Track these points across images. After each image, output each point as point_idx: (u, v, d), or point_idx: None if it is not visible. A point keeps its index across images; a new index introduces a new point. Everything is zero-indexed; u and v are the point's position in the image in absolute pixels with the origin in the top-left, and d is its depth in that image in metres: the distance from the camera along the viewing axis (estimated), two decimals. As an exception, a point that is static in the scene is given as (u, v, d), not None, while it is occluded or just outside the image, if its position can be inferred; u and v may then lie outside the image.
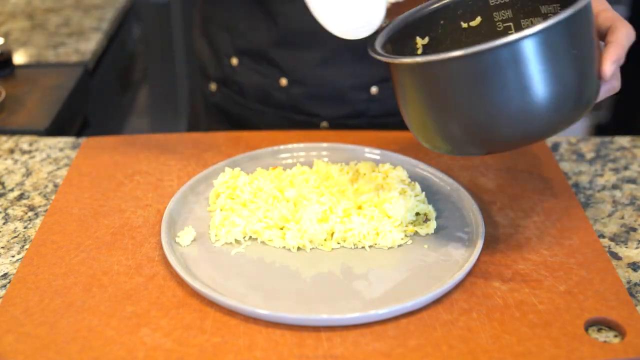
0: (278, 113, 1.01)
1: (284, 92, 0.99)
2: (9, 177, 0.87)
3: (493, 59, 0.59)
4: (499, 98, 0.60)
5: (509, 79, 0.59)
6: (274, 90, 1.00)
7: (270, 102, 1.01)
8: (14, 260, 0.72)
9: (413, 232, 0.75)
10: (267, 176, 0.80)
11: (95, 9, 1.53)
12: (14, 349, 0.60)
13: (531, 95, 0.59)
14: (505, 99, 0.60)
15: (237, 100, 1.04)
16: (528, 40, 0.58)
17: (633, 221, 0.78)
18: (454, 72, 0.61)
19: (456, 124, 0.63)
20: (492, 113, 0.61)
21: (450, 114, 0.63)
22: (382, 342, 0.61)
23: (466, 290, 0.67)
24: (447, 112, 0.63)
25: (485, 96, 0.60)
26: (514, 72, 0.59)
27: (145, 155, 0.89)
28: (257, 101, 1.02)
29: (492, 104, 0.60)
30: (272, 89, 1.00)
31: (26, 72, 1.21)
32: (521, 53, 0.58)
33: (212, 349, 0.60)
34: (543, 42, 0.58)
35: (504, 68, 0.59)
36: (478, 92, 0.60)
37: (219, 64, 1.03)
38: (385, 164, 0.82)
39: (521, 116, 0.60)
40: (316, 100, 0.99)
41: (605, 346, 0.61)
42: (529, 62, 0.58)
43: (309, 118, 1.00)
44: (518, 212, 0.78)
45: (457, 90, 0.61)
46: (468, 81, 0.60)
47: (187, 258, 0.71)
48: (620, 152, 0.91)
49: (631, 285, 0.69)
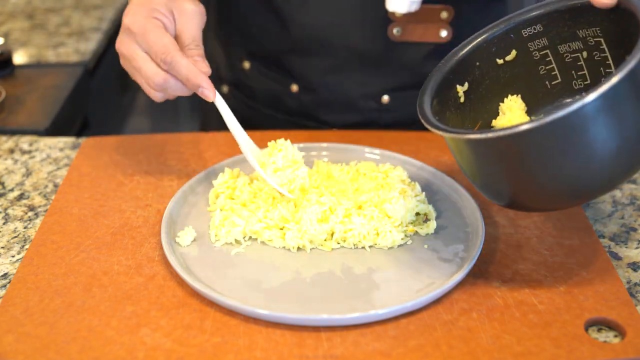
0: (289, 119, 1.01)
1: (295, 98, 0.99)
2: (9, 177, 0.87)
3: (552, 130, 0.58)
4: (560, 164, 0.59)
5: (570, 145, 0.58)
6: (285, 96, 0.99)
7: (281, 108, 1.01)
8: (14, 260, 0.72)
9: (413, 232, 0.75)
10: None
11: (95, 9, 1.53)
12: (14, 349, 0.60)
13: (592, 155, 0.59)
14: (566, 163, 0.59)
15: (248, 104, 1.03)
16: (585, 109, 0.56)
17: (633, 221, 0.78)
18: (513, 145, 0.60)
19: (515, 189, 0.63)
20: (553, 178, 0.60)
21: (510, 180, 0.63)
22: (382, 342, 0.61)
23: (466, 290, 0.67)
24: (507, 179, 0.63)
25: (546, 164, 0.60)
26: (575, 138, 0.58)
27: (145, 155, 0.89)
28: (268, 106, 1.02)
29: (553, 170, 0.60)
30: (283, 94, 0.99)
31: (26, 72, 1.21)
32: (579, 120, 0.57)
33: (212, 349, 0.60)
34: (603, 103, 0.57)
35: (563, 136, 0.58)
36: (538, 161, 0.60)
37: (232, 67, 1.03)
38: (385, 164, 0.82)
39: (582, 177, 0.60)
40: (327, 107, 0.98)
41: (605, 346, 0.61)
42: (585, 128, 0.57)
43: (319, 125, 1.00)
44: (518, 212, 0.78)
45: (515, 160, 0.61)
46: (527, 152, 0.60)
47: (187, 258, 0.71)
48: (620, 152, 0.91)
49: (631, 285, 0.69)
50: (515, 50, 0.73)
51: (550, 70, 0.73)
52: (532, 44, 0.72)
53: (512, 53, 0.73)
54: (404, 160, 0.86)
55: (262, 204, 0.75)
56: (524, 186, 0.63)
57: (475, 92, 0.73)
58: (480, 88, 0.74)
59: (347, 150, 0.88)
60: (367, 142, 0.90)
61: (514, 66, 0.73)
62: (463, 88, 0.73)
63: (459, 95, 0.73)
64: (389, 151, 0.88)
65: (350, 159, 0.87)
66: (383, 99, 0.96)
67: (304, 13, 0.91)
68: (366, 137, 0.92)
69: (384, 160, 0.87)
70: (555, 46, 0.72)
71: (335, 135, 0.93)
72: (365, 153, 0.88)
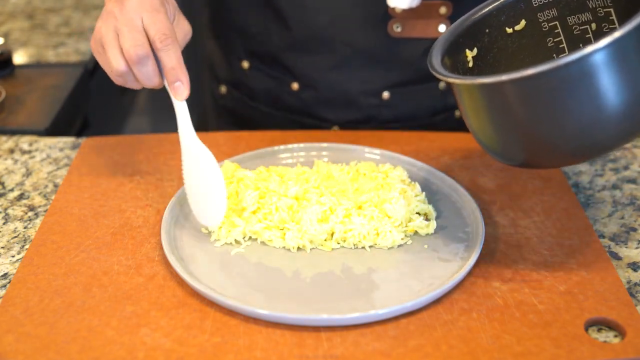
0: (289, 117, 1.01)
1: (295, 96, 0.99)
2: (9, 177, 0.87)
3: (565, 74, 0.57)
4: (572, 111, 0.59)
5: (582, 92, 0.58)
6: (285, 94, 0.99)
7: (281, 106, 1.01)
8: (14, 260, 0.72)
9: (413, 232, 0.75)
10: (270, 173, 0.80)
11: (95, 9, 1.53)
12: (14, 349, 0.60)
13: (604, 105, 0.58)
14: (578, 111, 0.59)
15: (247, 103, 1.03)
16: (600, 53, 0.56)
17: (633, 221, 0.78)
18: (525, 89, 0.60)
19: (529, 138, 0.63)
20: (565, 126, 0.60)
21: (523, 128, 0.62)
22: (382, 342, 0.61)
23: (466, 290, 0.67)
24: (520, 128, 0.63)
25: (557, 111, 0.59)
26: (586, 85, 0.58)
27: (145, 155, 0.89)
28: (268, 105, 1.02)
29: (564, 117, 0.60)
30: (283, 93, 0.99)
31: (26, 72, 1.20)
32: (593, 65, 0.57)
33: (212, 349, 0.60)
34: (616, 51, 0.57)
35: (575, 82, 0.58)
36: (550, 107, 0.59)
37: (230, 66, 1.03)
38: (385, 164, 0.82)
39: (593, 127, 0.60)
40: (327, 104, 0.98)
41: (605, 346, 0.61)
42: (600, 74, 0.57)
43: (319, 122, 1.00)
44: (518, 212, 0.78)
45: (528, 107, 0.61)
46: (539, 98, 0.60)
47: (187, 258, 0.71)
48: (620, 152, 0.91)
49: (631, 285, 0.69)
50: (524, 20, 0.73)
51: (558, 42, 0.73)
52: (542, 14, 0.72)
53: (521, 23, 0.73)
54: (404, 160, 0.86)
55: (265, 204, 0.75)
56: (537, 136, 0.62)
57: (483, 59, 0.74)
58: (488, 56, 0.74)
59: (347, 150, 0.88)
60: (367, 142, 0.90)
61: (522, 36, 0.74)
62: (472, 53, 0.73)
63: (467, 60, 0.73)
64: (389, 151, 0.88)
65: (350, 159, 0.87)
66: (383, 95, 0.96)
67: (304, 11, 0.92)
68: (366, 137, 0.92)
69: (384, 160, 0.87)
70: (565, 17, 0.72)
71: (335, 135, 0.93)
72: (365, 153, 0.88)
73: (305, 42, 0.94)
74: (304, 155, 0.88)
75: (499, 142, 0.66)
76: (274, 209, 0.74)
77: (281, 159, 0.88)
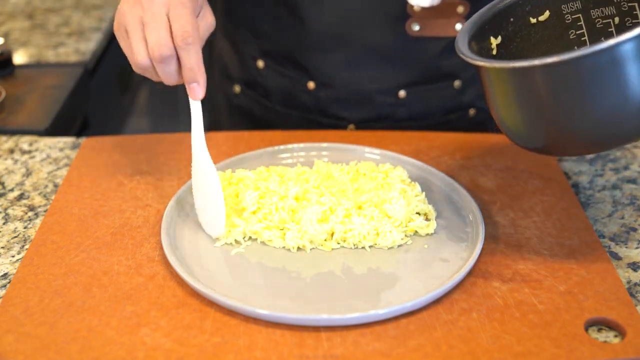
0: (304, 115, 1.01)
1: (311, 95, 0.99)
2: (9, 177, 0.87)
3: (595, 62, 0.58)
4: (599, 99, 0.60)
5: (610, 81, 0.59)
6: (301, 93, 0.99)
7: (296, 105, 1.00)
8: (14, 260, 0.72)
9: (413, 232, 0.75)
10: (270, 173, 0.80)
11: (95, 9, 1.53)
12: (14, 349, 0.60)
13: (630, 96, 0.59)
14: (605, 100, 0.60)
15: (262, 103, 1.03)
16: (631, 42, 0.57)
17: (633, 221, 0.78)
18: (555, 75, 0.60)
19: (554, 124, 0.64)
20: (591, 114, 0.61)
21: (550, 114, 0.63)
22: (382, 342, 0.61)
23: (466, 290, 0.67)
24: (547, 113, 0.63)
25: (584, 98, 0.60)
26: (615, 74, 0.58)
27: (145, 155, 0.89)
28: (283, 104, 1.01)
29: (591, 105, 0.60)
30: (299, 92, 0.99)
31: (26, 72, 1.21)
32: (623, 55, 0.57)
33: (212, 349, 0.60)
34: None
35: (604, 71, 0.58)
36: (577, 94, 0.60)
37: (244, 66, 1.03)
38: (385, 164, 0.82)
39: (618, 117, 0.60)
40: (343, 103, 0.98)
41: (605, 346, 0.61)
42: (630, 64, 0.58)
43: (335, 121, 1.00)
44: (518, 212, 0.78)
45: (557, 93, 0.61)
46: (568, 84, 0.60)
47: (187, 258, 0.71)
48: (620, 152, 0.91)
49: (631, 285, 0.69)
50: (548, 11, 0.73)
51: (580, 35, 0.73)
52: (566, 6, 0.73)
53: (545, 14, 0.73)
54: (404, 160, 0.86)
55: (265, 205, 0.75)
56: (563, 123, 0.63)
57: (506, 48, 0.74)
58: (512, 45, 0.74)
59: (347, 150, 0.88)
60: (367, 142, 0.90)
61: (545, 27, 0.74)
62: (497, 41, 0.73)
63: (491, 47, 0.73)
64: (389, 151, 0.88)
65: (350, 159, 0.87)
66: (399, 94, 0.96)
67: (321, 8, 0.91)
68: (366, 137, 0.92)
69: (384, 160, 0.87)
70: (588, 10, 0.72)
71: (335, 135, 0.93)
72: (365, 153, 0.88)
73: (321, 40, 0.94)
74: (304, 155, 0.88)
75: (523, 126, 0.66)
76: (274, 209, 0.74)
77: (281, 159, 0.88)
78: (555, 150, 0.68)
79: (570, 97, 0.61)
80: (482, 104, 1.01)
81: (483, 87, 0.68)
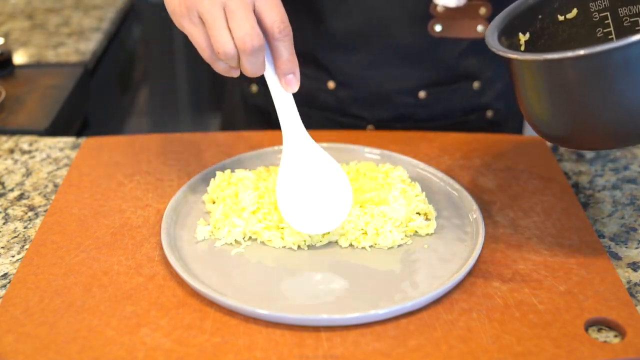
0: (323, 115, 1.00)
1: (331, 94, 0.98)
2: (9, 177, 0.87)
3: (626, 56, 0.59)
4: (627, 94, 0.60)
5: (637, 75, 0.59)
6: (321, 92, 0.99)
7: (316, 105, 1.00)
8: (14, 260, 0.72)
9: (413, 232, 0.75)
10: (270, 173, 0.80)
11: (95, 9, 1.53)
12: (14, 349, 0.60)
13: None
14: (633, 95, 0.60)
15: None
16: None
17: (633, 221, 0.78)
18: (586, 68, 0.61)
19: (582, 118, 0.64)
20: (619, 108, 0.61)
21: (578, 107, 0.64)
22: (382, 342, 0.61)
23: (466, 290, 0.67)
24: (575, 106, 0.64)
25: (613, 92, 0.61)
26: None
27: (145, 155, 0.89)
28: (303, 103, 0.99)
29: (620, 99, 0.61)
30: (319, 91, 0.99)
31: (26, 72, 1.21)
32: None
33: (212, 349, 0.60)
34: None
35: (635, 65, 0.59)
36: (607, 88, 0.61)
37: None
38: (385, 164, 0.82)
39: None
40: (363, 103, 0.98)
41: (605, 346, 0.61)
42: None
43: (354, 121, 1.00)
44: (518, 212, 0.78)
45: (587, 86, 0.62)
46: (598, 77, 0.60)
47: (187, 258, 0.71)
48: (620, 152, 0.91)
49: (631, 285, 0.69)
50: (576, 9, 0.74)
51: (608, 33, 0.74)
52: (594, 4, 0.73)
53: (573, 11, 0.74)
54: (404, 160, 0.86)
55: (264, 204, 0.75)
56: (590, 116, 0.63)
57: (534, 44, 0.74)
58: (539, 43, 0.74)
59: (347, 150, 0.88)
60: (367, 142, 0.90)
61: (572, 25, 0.74)
62: (525, 37, 0.74)
63: (520, 44, 0.74)
64: (389, 151, 0.88)
65: (350, 159, 0.87)
66: (420, 95, 0.97)
67: (343, 7, 0.91)
68: (366, 137, 0.92)
69: (384, 160, 0.87)
70: (616, 9, 0.72)
71: (336, 135, 0.93)
72: (365, 153, 0.88)
73: (342, 40, 0.94)
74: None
75: (553, 119, 0.66)
76: (273, 208, 0.74)
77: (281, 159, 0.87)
78: (579, 144, 0.69)
79: (600, 91, 0.61)
80: (499, 104, 1.02)
81: (512, 81, 0.68)
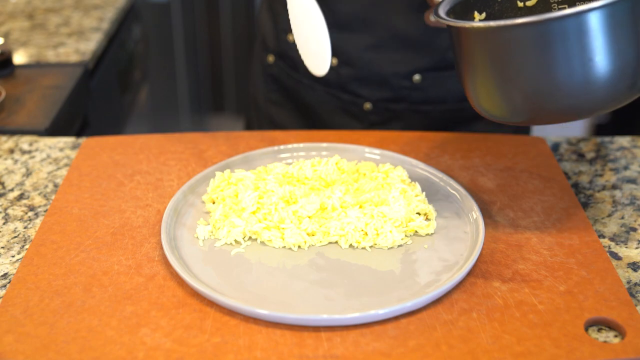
0: (326, 90, 1.08)
1: (333, 71, 1.05)
2: (9, 177, 0.87)
3: (561, 28, 0.60)
4: (562, 68, 0.62)
5: (574, 49, 0.61)
6: None
7: (319, 79, 1.08)
8: (14, 260, 0.72)
9: (413, 232, 0.75)
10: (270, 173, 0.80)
11: (95, 9, 1.53)
12: (14, 349, 0.60)
13: (592, 67, 0.61)
14: (568, 69, 0.62)
15: (290, 74, 1.11)
16: (596, 12, 0.59)
17: (633, 221, 0.78)
18: (522, 38, 0.62)
19: (517, 90, 0.65)
20: (553, 82, 0.63)
21: (513, 79, 0.65)
22: (382, 342, 0.61)
23: (466, 290, 0.67)
24: (510, 78, 0.65)
25: (549, 65, 0.62)
26: (579, 43, 0.60)
27: (145, 155, 0.89)
28: (308, 77, 1.08)
29: (555, 73, 0.62)
30: None
31: (26, 72, 1.20)
32: (588, 24, 0.60)
33: (212, 349, 0.60)
34: (610, 15, 0.60)
35: (570, 38, 0.60)
36: (542, 60, 0.62)
37: (277, 37, 1.11)
38: (385, 164, 0.82)
39: (579, 88, 0.62)
40: (362, 82, 1.04)
41: (605, 346, 0.61)
42: (594, 34, 0.60)
43: (354, 98, 1.06)
44: (518, 212, 0.78)
45: (522, 57, 0.63)
46: (534, 48, 0.62)
47: (187, 258, 0.71)
48: (620, 152, 0.91)
49: (631, 285, 0.69)
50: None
51: None
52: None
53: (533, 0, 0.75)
54: (404, 160, 0.86)
55: (264, 204, 0.75)
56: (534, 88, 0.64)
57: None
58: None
59: (347, 150, 0.89)
60: (367, 142, 0.90)
61: (531, 13, 0.75)
62: (480, 17, 0.75)
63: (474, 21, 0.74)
64: (389, 151, 0.88)
65: (350, 159, 0.87)
66: (414, 78, 1.02)
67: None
68: (366, 137, 0.92)
69: (384, 160, 0.87)
70: (574, 2, 0.74)
71: (335, 135, 0.93)
72: (365, 153, 0.88)
73: (344, 20, 0.99)
74: (304, 155, 0.88)
75: (497, 93, 0.67)
76: (273, 209, 0.74)
77: (281, 159, 0.88)
78: (527, 119, 0.69)
79: (538, 61, 0.62)
80: None
81: (455, 56, 0.69)
